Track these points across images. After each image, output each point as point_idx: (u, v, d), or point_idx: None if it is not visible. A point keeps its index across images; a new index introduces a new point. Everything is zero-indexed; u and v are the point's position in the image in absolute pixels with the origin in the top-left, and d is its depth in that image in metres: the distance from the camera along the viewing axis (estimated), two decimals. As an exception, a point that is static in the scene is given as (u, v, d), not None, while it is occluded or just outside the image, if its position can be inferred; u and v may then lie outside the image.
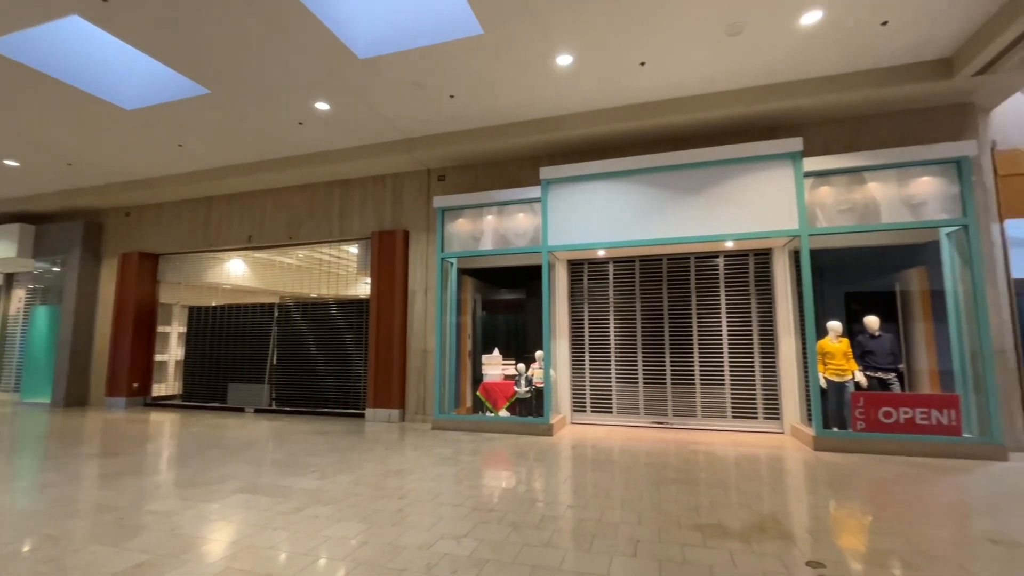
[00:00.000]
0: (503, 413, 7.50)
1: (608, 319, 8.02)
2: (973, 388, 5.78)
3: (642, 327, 7.85)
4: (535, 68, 5.98)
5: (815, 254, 7.02)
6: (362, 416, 8.72)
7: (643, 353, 7.78)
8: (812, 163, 6.33)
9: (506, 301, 8.86)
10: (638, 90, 6.49)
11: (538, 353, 7.55)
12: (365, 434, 7.05)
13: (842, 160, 6.25)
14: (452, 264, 8.17)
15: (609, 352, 7.94)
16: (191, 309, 10.83)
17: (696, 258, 7.71)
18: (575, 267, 8.28)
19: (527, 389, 7.49)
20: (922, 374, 6.76)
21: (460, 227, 7.85)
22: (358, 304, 9.34)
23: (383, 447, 6.13)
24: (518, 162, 8.18)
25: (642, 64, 5.87)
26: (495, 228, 7.67)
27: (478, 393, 7.75)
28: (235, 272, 11.64)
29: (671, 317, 7.73)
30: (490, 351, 8.09)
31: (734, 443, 6.33)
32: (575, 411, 8.00)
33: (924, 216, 5.96)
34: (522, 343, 8.45)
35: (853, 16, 5.06)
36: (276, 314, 9.97)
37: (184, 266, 10.92)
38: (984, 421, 5.61)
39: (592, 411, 7.92)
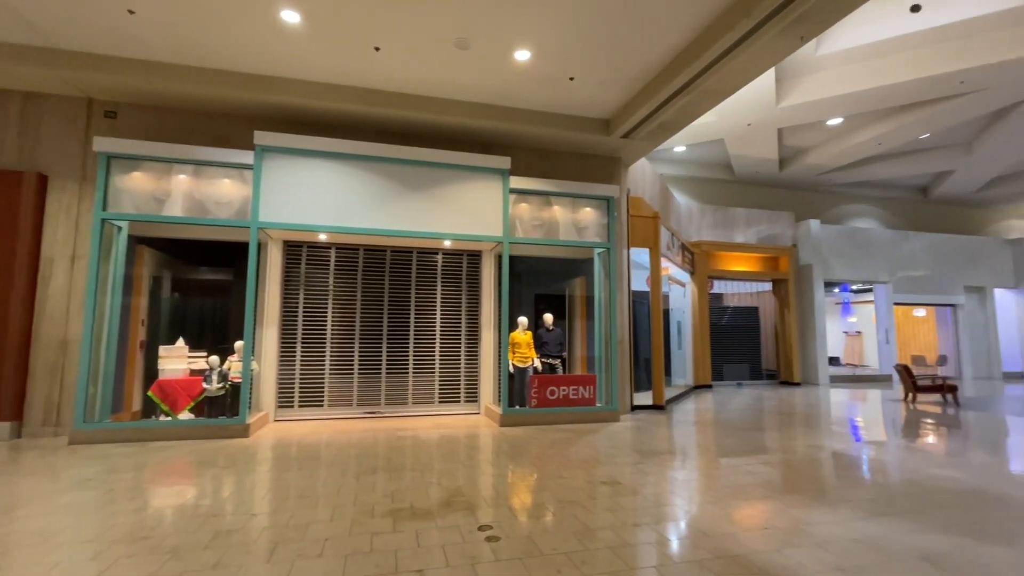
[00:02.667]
0: (185, 416, 6.26)
1: (326, 307, 7.62)
2: (604, 369, 7.78)
3: (362, 317, 7.74)
4: (254, 15, 5.17)
5: (515, 259, 8.24)
6: (-64, 436, 5.93)
7: (360, 343, 7.69)
8: (517, 182, 7.40)
9: (204, 282, 7.42)
10: (373, 75, 6.36)
11: (238, 344, 6.59)
12: (-63, 463, 4.81)
13: (538, 184, 7.51)
14: (120, 229, 6.36)
15: (325, 342, 7.55)
16: None
17: (418, 253, 8.05)
18: (292, 249, 7.56)
19: (220, 385, 6.44)
20: (577, 359, 8.74)
21: (136, 183, 6.16)
22: (-61, 271, 6.31)
23: (-30, 478, 4.29)
24: (228, 119, 6.95)
25: (377, 49, 5.76)
26: (190, 191, 6.31)
27: (150, 393, 6.25)
28: None
29: (391, 308, 7.87)
30: (174, 342, 6.63)
31: (438, 426, 6.88)
32: (281, 407, 7.31)
33: (586, 237, 7.70)
34: (221, 332, 7.24)
35: (552, 66, 6.13)
36: None
37: None
38: (609, 393, 7.62)
39: (301, 405, 7.39)
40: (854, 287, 16.63)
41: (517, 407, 7.33)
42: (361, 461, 4.96)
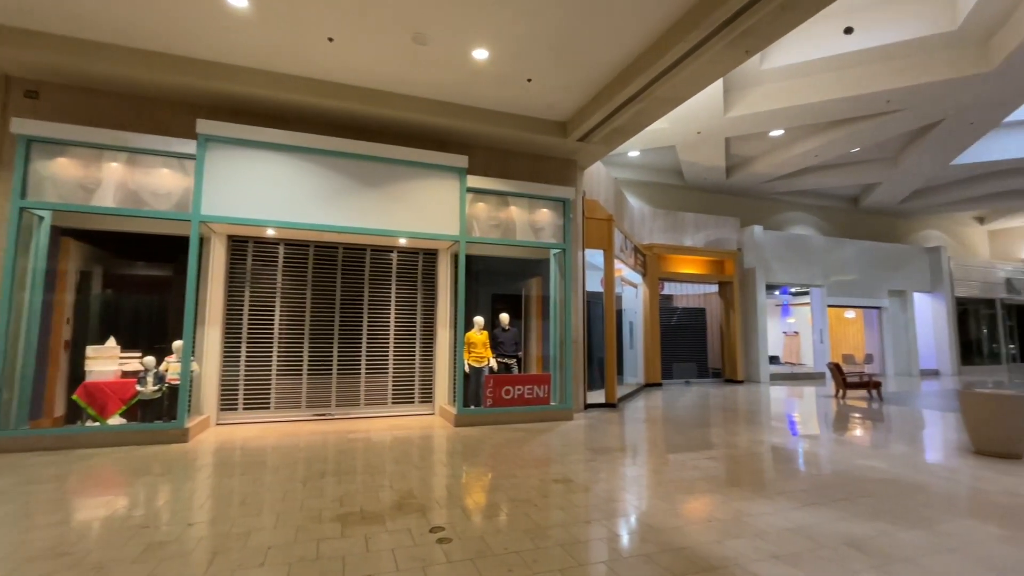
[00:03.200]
0: (116, 420, 5.85)
1: (274, 306, 7.32)
2: (559, 368, 7.88)
3: (312, 315, 7.49)
4: (196, -3, 4.89)
5: (473, 259, 8.21)
6: None
7: (311, 343, 7.44)
8: (474, 181, 7.37)
9: (140, 278, 6.95)
10: (326, 67, 6.16)
11: (176, 344, 6.22)
12: None
13: (496, 183, 7.52)
14: (41, 219, 5.87)
15: (272, 342, 7.25)
16: None
17: (372, 250, 7.87)
18: (238, 244, 7.22)
19: (156, 388, 6.07)
20: (532, 359, 8.81)
21: (61, 170, 5.70)
22: None
23: None
24: (168, 105, 6.55)
25: (330, 40, 5.59)
26: (124, 181, 5.90)
27: (75, 397, 5.80)
28: None
29: (343, 307, 7.66)
30: (104, 341, 6.18)
31: (391, 427, 6.75)
32: (224, 410, 6.96)
33: (542, 238, 7.77)
34: (159, 331, 6.81)
35: (510, 66, 6.14)
36: None
37: None
38: (563, 392, 7.72)
39: (246, 408, 7.07)
40: (793, 290, 17.61)
41: (472, 407, 7.31)
42: (309, 465, 4.79)
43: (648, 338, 12.58)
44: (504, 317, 7.99)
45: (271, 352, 7.24)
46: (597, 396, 9.05)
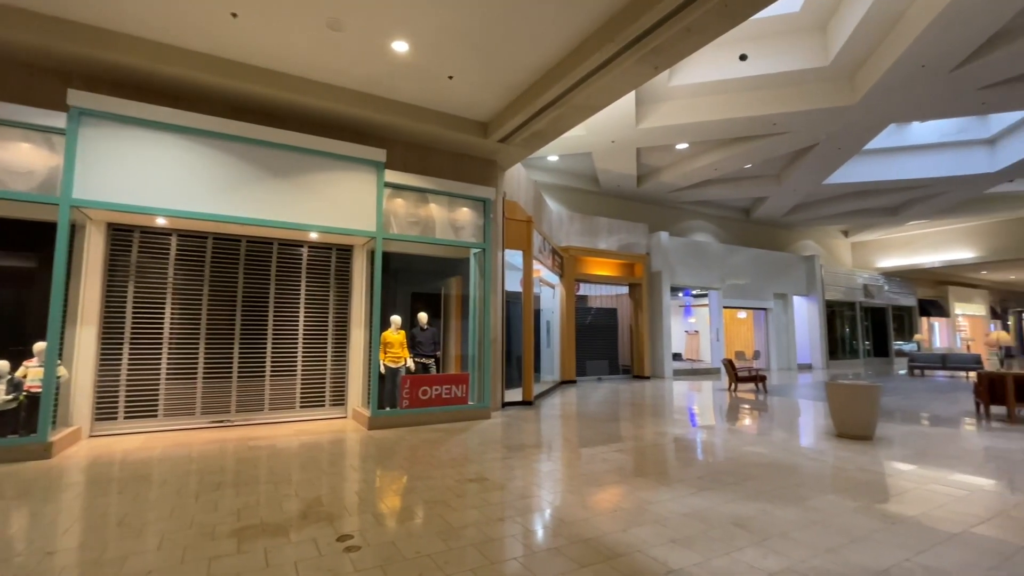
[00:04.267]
0: (-47, 436, 4.96)
1: (164, 303, 6.62)
2: (477, 367, 7.90)
3: (209, 314, 6.87)
4: (69, -50, 4.29)
5: (391, 256, 7.98)
6: None
7: (207, 344, 6.82)
8: (392, 176, 7.17)
9: (-15, 268, 5.95)
10: (228, 44, 5.68)
11: (38, 346, 5.42)
12: None
13: (415, 179, 7.37)
14: None
15: (161, 343, 6.55)
16: None
17: (280, 245, 7.38)
18: (120, 233, 6.43)
19: (10, 397, 5.24)
20: (451, 358, 8.75)
21: None
22: None
23: None
24: (29, 70, 5.68)
25: (234, 15, 5.16)
26: (-33, 156, 5.03)
27: None
28: None
29: (246, 305, 7.11)
30: (-65, 343, 5.22)
31: (299, 433, 6.38)
32: (101, 419, 6.17)
33: (463, 237, 7.75)
34: (15, 332, 5.87)
35: (431, 62, 6.06)
36: None
37: None
38: (481, 391, 7.75)
39: (128, 417, 6.32)
40: (694, 292, 19.07)
41: (388, 409, 7.11)
42: (202, 477, 4.39)
43: (564, 337, 13.00)
44: (422, 316, 7.86)
45: (160, 354, 6.53)
46: (515, 394, 9.19)
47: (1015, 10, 6.93)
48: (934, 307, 25.70)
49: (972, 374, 16.48)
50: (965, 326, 28.10)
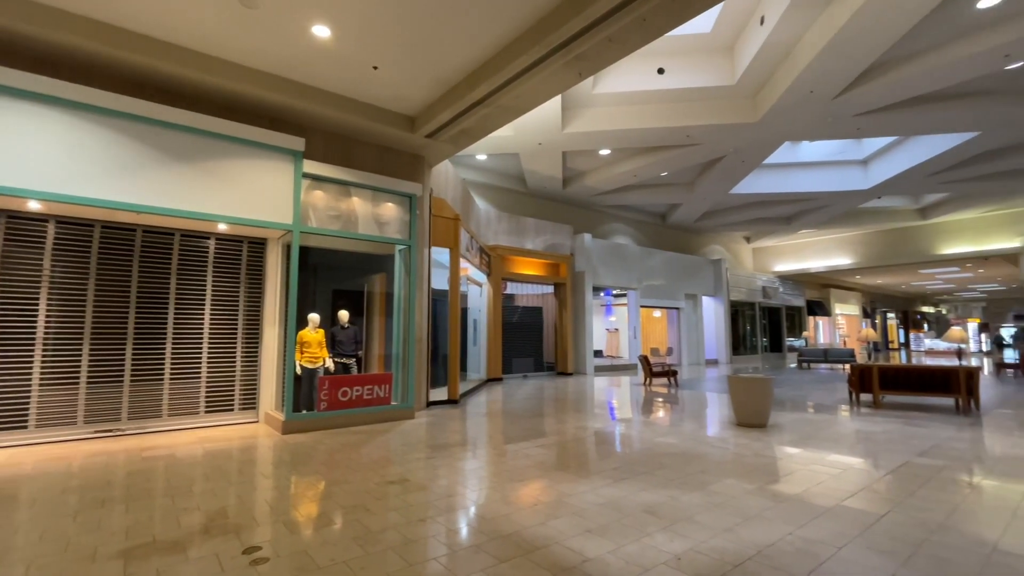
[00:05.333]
0: None
1: (38, 298, 5.82)
2: (402, 366, 7.74)
3: (95, 311, 6.14)
4: None
5: (312, 251, 7.60)
6: None
7: (93, 344, 6.09)
8: (312, 166, 6.82)
9: None
10: (121, 11, 5.10)
11: None
12: None
13: (337, 171, 7.06)
14: None
15: (33, 344, 5.75)
16: None
17: (183, 236, 6.76)
18: (-22, 219, 5.57)
19: None
20: (374, 358, 8.50)
21: None
22: None
23: None
24: None
25: (128, -19, 4.65)
26: None
27: None
28: None
29: (141, 301, 6.44)
30: None
31: (203, 440, 5.89)
32: (-51, 434, 5.31)
33: (387, 233, 7.54)
34: None
35: (354, 50, 5.83)
36: None
37: None
38: (405, 391, 7.60)
39: (-14, 430, 5.48)
40: (614, 292, 19.95)
41: (304, 412, 6.76)
42: (84, 494, 3.92)
43: (491, 335, 13.08)
44: (343, 314, 7.56)
45: (31, 356, 5.74)
46: (440, 393, 9.11)
47: (883, 49, 7.95)
48: (819, 307, 28.87)
49: (847, 366, 18.69)
50: (843, 324, 31.85)
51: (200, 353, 6.77)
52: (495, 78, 5.92)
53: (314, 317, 7.13)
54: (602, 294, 19.69)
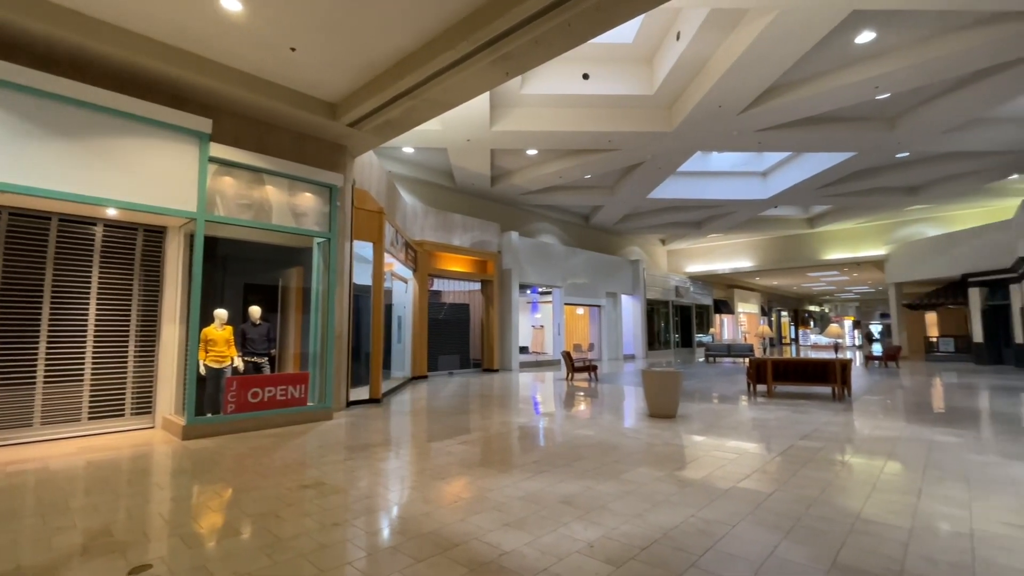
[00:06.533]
0: None
1: None
2: (319, 365, 7.39)
3: (-56, 306, 5.27)
4: None
5: (221, 242, 7.04)
6: None
7: (-60, 344, 5.23)
8: (220, 150, 6.32)
9: None
10: (-19, -42, 4.41)
11: None
12: None
13: (249, 157, 6.59)
14: None
15: None
16: None
17: (62, 221, 5.99)
18: None
19: None
20: (289, 356, 8.05)
21: None
22: None
23: None
24: None
25: (-9, -75, 4.03)
26: None
27: None
28: None
29: (6, 294, 5.61)
30: None
31: (86, 450, 5.26)
32: None
33: (305, 225, 7.17)
34: None
35: (269, 29, 5.47)
36: None
37: None
38: (323, 391, 7.28)
39: None
40: (540, 289, 20.38)
41: (209, 415, 6.26)
42: (-73, 518, 3.37)
43: (416, 332, 12.85)
44: (255, 310, 7.09)
45: None
46: (362, 392, 8.81)
47: (780, 73, 8.78)
48: (724, 306, 31.36)
49: (746, 360, 20.50)
50: (744, 321, 34.85)
51: (83, 353, 6.04)
52: (422, 70, 5.81)
53: (221, 313, 6.62)
54: (528, 291, 20.03)
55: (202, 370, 6.36)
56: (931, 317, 23.08)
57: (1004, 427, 6.39)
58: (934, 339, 21.47)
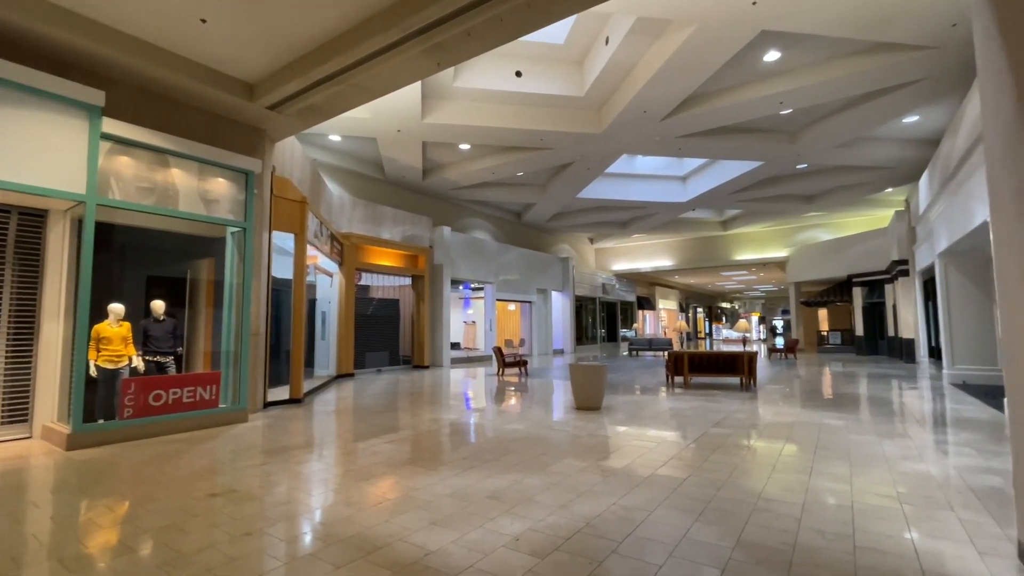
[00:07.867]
0: None
1: None
2: (233, 364, 6.89)
3: None
4: None
5: (118, 230, 6.35)
6: None
7: None
8: (115, 126, 5.67)
9: None
10: None
11: None
12: None
13: (151, 136, 5.98)
14: None
15: None
16: None
17: (-92, 199, 5.10)
18: None
19: None
20: (199, 355, 7.42)
21: None
22: None
23: None
24: None
25: None
26: None
27: None
28: None
29: None
30: None
31: (-62, 467, 4.54)
32: None
33: (216, 213, 6.63)
34: None
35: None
36: None
37: None
38: (237, 391, 6.79)
39: None
40: (472, 285, 20.33)
41: (101, 421, 5.63)
42: None
43: (342, 328, 12.35)
44: (158, 305, 6.46)
45: None
46: (282, 392, 8.32)
47: (699, 83, 9.34)
48: (647, 302, 33.01)
49: (666, 353, 21.72)
50: (664, 317, 36.91)
51: (-63, 354, 5.20)
52: (349, 54, 5.56)
53: (116, 308, 5.97)
54: (461, 287, 19.91)
55: (93, 371, 5.71)
56: (823, 313, 25.78)
57: (878, 410, 7.25)
58: (825, 332, 23.98)
